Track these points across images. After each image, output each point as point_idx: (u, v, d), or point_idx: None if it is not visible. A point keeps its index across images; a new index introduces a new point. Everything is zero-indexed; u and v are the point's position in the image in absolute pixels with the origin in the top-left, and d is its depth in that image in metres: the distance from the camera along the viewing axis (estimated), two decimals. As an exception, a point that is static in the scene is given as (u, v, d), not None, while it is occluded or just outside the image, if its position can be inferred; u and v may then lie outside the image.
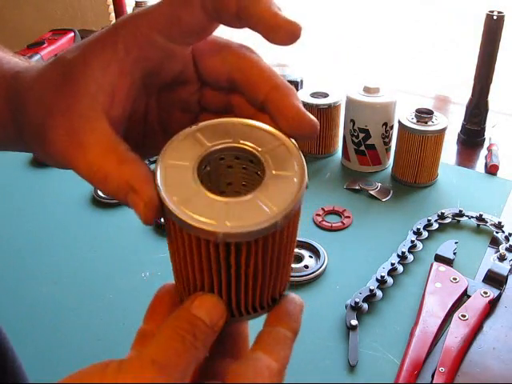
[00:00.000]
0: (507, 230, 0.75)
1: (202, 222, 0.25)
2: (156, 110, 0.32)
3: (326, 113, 0.92)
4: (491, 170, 0.92)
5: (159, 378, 0.24)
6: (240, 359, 0.28)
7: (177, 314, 0.27)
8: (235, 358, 0.32)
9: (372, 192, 0.86)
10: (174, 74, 0.30)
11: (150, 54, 0.28)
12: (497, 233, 0.76)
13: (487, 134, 1.02)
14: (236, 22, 0.27)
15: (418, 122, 0.85)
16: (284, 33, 0.26)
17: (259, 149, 0.28)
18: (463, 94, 1.10)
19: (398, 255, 0.71)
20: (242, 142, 0.28)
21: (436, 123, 0.84)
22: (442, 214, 0.79)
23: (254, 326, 0.31)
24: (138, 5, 1.49)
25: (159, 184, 0.26)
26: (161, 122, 0.32)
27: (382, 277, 0.67)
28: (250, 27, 0.27)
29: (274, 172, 0.27)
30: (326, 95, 0.94)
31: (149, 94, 0.31)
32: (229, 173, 0.30)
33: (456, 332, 0.59)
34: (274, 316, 0.30)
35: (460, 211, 0.79)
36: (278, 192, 0.26)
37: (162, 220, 0.28)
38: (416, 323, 0.61)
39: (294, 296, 0.31)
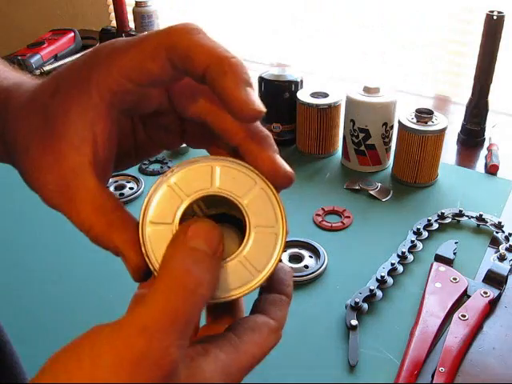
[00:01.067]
0: (507, 230, 0.75)
1: None
2: (143, 130, 0.33)
3: (326, 113, 0.92)
4: (491, 169, 0.92)
5: (152, 351, 0.23)
6: (238, 319, 0.29)
7: (172, 252, 0.25)
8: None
9: (372, 192, 0.86)
10: (152, 108, 0.31)
11: (123, 98, 0.28)
12: (497, 233, 0.76)
13: (487, 134, 1.02)
14: (203, 82, 0.27)
15: (418, 122, 0.85)
16: (242, 116, 0.26)
17: (238, 197, 0.28)
18: (463, 93, 1.10)
19: (398, 255, 0.71)
20: (220, 188, 0.28)
21: (436, 123, 0.84)
22: (442, 213, 0.79)
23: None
24: (137, 5, 1.49)
25: (144, 249, 0.27)
26: (150, 137, 0.34)
27: (382, 277, 0.67)
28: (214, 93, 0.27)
29: (254, 226, 0.27)
30: (325, 95, 0.94)
31: (132, 120, 0.32)
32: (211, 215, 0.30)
33: (456, 332, 0.59)
34: (267, 285, 0.31)
35: (460, 211, 0.79)
36: (259, 251, 0.27)
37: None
38: (416, 323, 0.61)
39: (282, 264, 0.31)
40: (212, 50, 0.26)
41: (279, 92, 0.96)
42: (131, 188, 0.88)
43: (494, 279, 0.66)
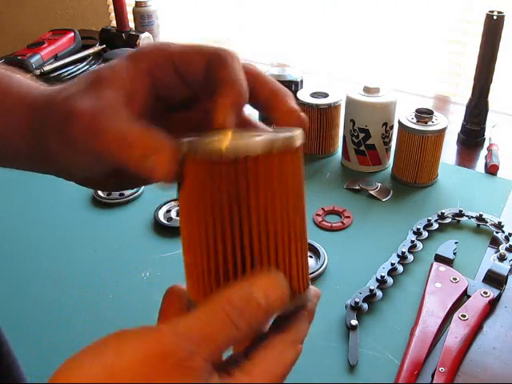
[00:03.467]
0: (507, 230, 0.75)
1: (212, 141, 0.27)
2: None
3: (326, 113, 0.92)
4: (491, 169, 0.92)
5: (179, 352, 0.23)
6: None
7: (235, 285, 0.26)
8: None
9: (372, 192, 0.86)
10: (182, 100, 0.33)
11: (163, 77, 0.32)
12: (497, 233, 0.76)
13: (487, 134, 1.02)
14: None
15: (418, 122, 0.85)
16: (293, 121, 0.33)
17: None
18: (463, 93, 1.10)
19: (398, 255, 0.71)
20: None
21: (436, 123, 0.84)
22: (442, 213, 0.79)
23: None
24: (137, 5, 1.50)
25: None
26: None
27: (382, 277, 0.67)
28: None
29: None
30: (326, 95, 0.94)
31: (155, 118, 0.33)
32: None
33: (456, 332, 0.59)
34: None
35: (460, 211, 0.79)
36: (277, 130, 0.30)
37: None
38: (416, 323, 0.61)
39: (314, 288, 0.33)
40: (271, 85, 0.33)
41: (279, 92, 0.96)
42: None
43: (494, 279, 0.66)
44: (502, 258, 0.70)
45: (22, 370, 0.53)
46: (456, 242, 0.73)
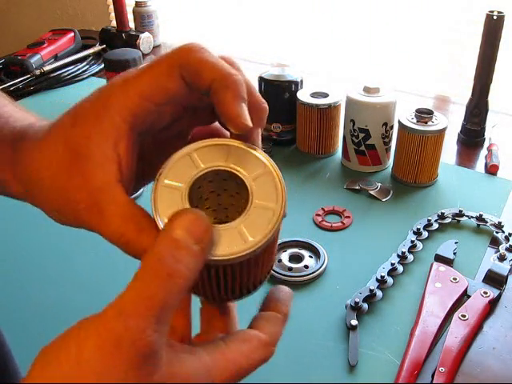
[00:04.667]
0: (507, 230, 0.75)
1: None
2: (151, 145, 0.34)
3: (326, 113, 0.92)
4: (491, 169, 0.92)
5: (128, 333, 0.24)
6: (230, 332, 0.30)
7: (157, 241, 0.26)
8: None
9: (372, 192, 0.86)
10: (165, 123, 0.32)
11: (144, 119, 0.30)
12: (497, 233, 0.76)
13: (487, 134, 1.02)
14: (206, 94, 0.30)
15: (418, 122, 0.85)
16: (235, 125, 0.30)
17: (247, 175, 0.30)
18: (463, 93, 1.10)
19: (398, 255, 0.71)
20: (232, 166, 0.31)
21: (436, 123, 0.84)
22: (442, 213, 0.79)
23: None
24: (137, 5, 1.49)
25: (153, 204, 0.29)
26: (157, 152, 0.34)
27: (382, 277, 0.67)
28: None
29: (257, 201, 0.30)
30: (326, 95, 0.94)
31: (144, 140, 0.33)
32: (217, 193, 0.33)
33: (456, 332, 0.59)
34: (265, 304, 0.32)
35: (460, 211, 0.79)
36: (258, 223, 0.29)
37: None
38: (416, 323, 0.61)
39: (282, 286, 0.33)
40: (217, 67, 0.29)
41: (279, 92, 0.96)
42: (131, 188, 0.88)
43: (494, 279, 0.66)
44: (502, 258, 0.70)
45: (19, 370, 0.53)
46: (456, 242, 0.73)
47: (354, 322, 0.61)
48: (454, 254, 0.71)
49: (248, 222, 0.29)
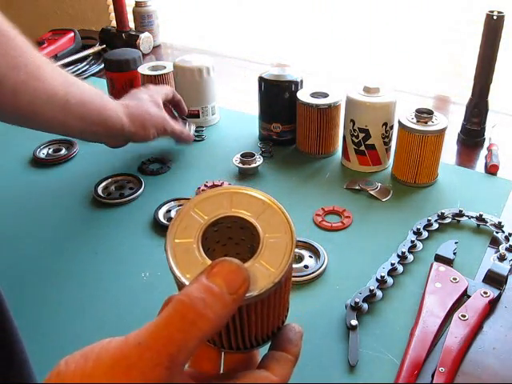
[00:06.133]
0: (507, 230, 0.75)
1: None
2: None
3: (326, 113, 0.92)
4: (491, 169, 0.92)
5: (141, 364, 0.24)
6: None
7: (191, 284, 0.27)
8: None
9: (372, 192, 0.86)
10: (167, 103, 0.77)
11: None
12: (497, 233, 0.76)
13: (487, 134, 1.02)
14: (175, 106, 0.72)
15: (418, 122, 0.85)
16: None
17: (250, 214, 0.32)
18: (463, 93, 1.10)
19: (398, 255, 0.71)
20: (234, 210, 0.33)
21: (436, 123, 0.84)
22: (442, 213, 0.79)
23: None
24: (137, 5, 1.50)
25: (172, 264, 0.30)
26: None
27: (382, 277, 0.67)
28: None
29: (267, 235, 0.32)
30: (326, 95, 0.94)
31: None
32: (222, 243, 0.35)
33: (456, 332, 0.59)
34: (277, 343, 0.33)
35: (460, 211, 0.79)
36: (274, 254, 0.31)
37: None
38: (416, 323, 0.61)
39: (294, 325, 0.35)
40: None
41: (279, 92, 0.96)
42: (131, 188, 0.88)
43: (494, 279, 0.66)
44: (502, 258, 0.70)
45: (32, 370, 0.53)
46: (456, 242, 0.73)
47: (354, 322, 0.61)
48: (454, 254, 0.71)
49: (265, 257, 0.30)
